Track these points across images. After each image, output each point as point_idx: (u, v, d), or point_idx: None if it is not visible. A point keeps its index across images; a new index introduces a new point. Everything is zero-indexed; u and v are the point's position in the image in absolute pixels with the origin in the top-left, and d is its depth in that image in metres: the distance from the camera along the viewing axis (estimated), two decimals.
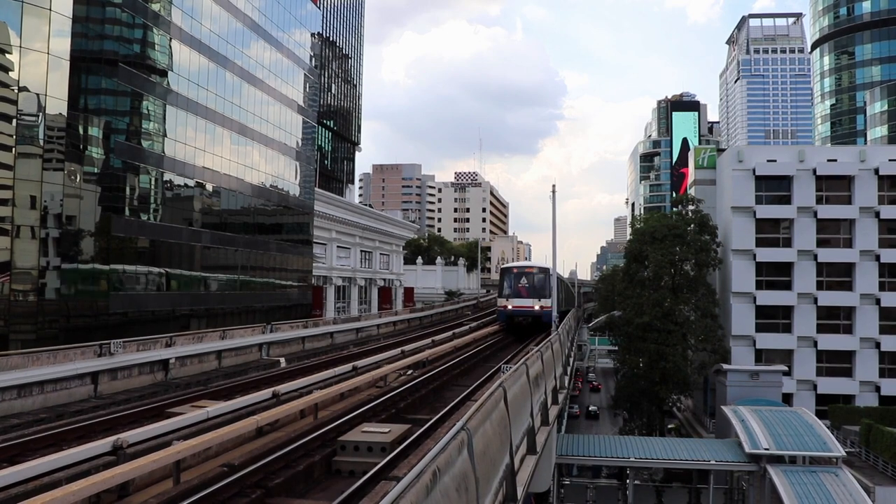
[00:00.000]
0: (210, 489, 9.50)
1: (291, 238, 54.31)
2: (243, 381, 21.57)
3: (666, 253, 54.40)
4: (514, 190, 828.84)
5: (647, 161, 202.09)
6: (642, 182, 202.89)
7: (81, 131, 31.13)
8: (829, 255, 53.49)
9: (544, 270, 40.38)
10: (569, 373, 34.51)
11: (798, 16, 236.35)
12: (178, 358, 26.33)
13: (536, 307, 38.93)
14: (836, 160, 54.65)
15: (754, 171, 54.19)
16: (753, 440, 34.61)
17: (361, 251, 75.42)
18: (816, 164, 53.84)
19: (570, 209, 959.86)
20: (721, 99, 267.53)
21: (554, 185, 38.21)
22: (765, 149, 74.21)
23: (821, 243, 53.63)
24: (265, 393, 16.01)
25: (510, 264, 43.45)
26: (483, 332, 38.78)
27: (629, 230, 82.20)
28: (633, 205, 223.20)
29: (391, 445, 12.11)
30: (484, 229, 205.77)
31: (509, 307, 40.23)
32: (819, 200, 54.03)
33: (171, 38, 37.77)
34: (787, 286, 53.88)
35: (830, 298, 53.34)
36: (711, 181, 60.79)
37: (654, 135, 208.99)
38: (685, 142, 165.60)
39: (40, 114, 28.83)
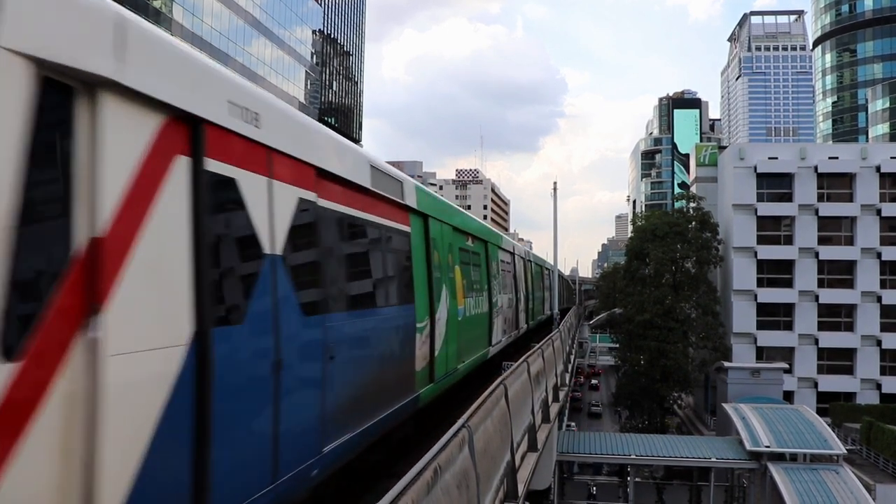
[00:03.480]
0: None
1: None
2: None
3: (667, 250, 54.45)
4: (515, 187, 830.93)
5: (648, 158, 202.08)
6: (643, 179, 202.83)
7: None
8: (830, 252, 53.47)
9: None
10: (570, 370, 34.43)
11: (800, 13, 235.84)
12: None
13: None
14: (837, 158, 54.63)
15: (756, 168, 54.16)
16: (754, 438, 34.60)
17: None
18: (818, 161, 53.80)
19: (571, 207, 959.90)
20: (722, 96, 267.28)
21: (555, 182, 37.46)
22: (766, 146, 74.12)
23: (822, 241, 53.60)
24: None
25: None
26: None
27: (630, 228, 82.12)
28: (634, 202, 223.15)
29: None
30: None
31: None
32: (820, 198, 53.99)
33: (172, 35, 37.75)
34: (789, 284, 53.88)
35: (831, 296, 53.34)
36: (713, 179, 60.76)
37: (656, 132, 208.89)
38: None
39: None
